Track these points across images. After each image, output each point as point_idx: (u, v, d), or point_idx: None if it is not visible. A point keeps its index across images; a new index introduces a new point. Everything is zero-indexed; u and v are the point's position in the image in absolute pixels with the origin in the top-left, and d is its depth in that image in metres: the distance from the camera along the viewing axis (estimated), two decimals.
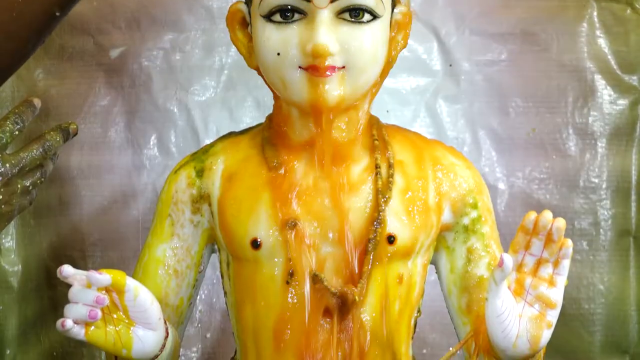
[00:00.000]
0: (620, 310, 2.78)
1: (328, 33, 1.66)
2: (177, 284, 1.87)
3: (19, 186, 1.56)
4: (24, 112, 1.59)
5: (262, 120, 1.92)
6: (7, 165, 1.54)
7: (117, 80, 2.68)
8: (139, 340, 1.62)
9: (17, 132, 1.57)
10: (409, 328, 1.86)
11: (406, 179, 1.83)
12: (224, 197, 1.84)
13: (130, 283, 1.57)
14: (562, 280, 1.59)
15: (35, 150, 1.58)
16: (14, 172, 1.54)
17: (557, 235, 1.56)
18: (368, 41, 1.70)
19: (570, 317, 2.75)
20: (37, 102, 1.63)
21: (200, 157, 1.90)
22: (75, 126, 1.67)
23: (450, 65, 2.69)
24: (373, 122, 1.88)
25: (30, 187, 1.59)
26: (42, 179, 1.61)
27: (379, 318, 1.79)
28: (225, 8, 2.39)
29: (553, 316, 1.60)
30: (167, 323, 1.72)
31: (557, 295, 1.59)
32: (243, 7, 1.80)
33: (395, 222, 1.78)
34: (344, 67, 1.69)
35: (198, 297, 2.07)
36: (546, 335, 1.60)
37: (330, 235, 1.77)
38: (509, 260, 1.52)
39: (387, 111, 2.65)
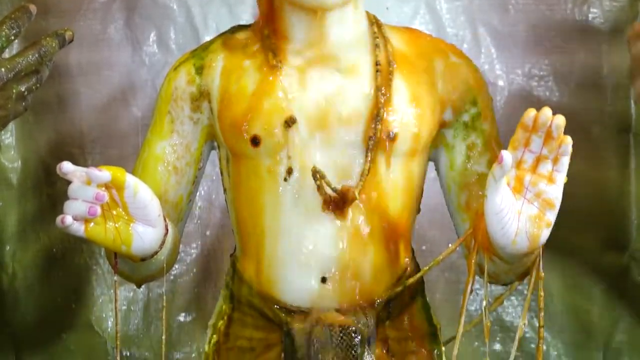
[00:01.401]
0: (620, 207, 2.79)
1: None
2: (177, 181, 1.87)
3: (14, 91, 1.55)
4: (20, 17, 1.58)
5: None
6: (3, 69, 1.53)
7: None
8: (139, 237, 1.62)
9: (12, 37, 1.56)
10: (409, 225, 1.87)
11: (407, 76, 1.82)
12: (223, 95, 1.83)
13: (130, 180, 1.57)
14: (561, 177, 1.58)
15: (31, 56, 1.56)
16: (10, 77, 1.53)
17: (556, 132, 1.55)
18: None
19: (569, 214, 2.76)
20: (33, 8, 1.61)
21: (199, 55, 1.89)
22: (71, 33, 1.65)
23: None
24: (373, 21, 1.87)
25: (26, 93, 1.58)
26: (38, 85, 1.60)
27: (378, 215, 1.80)
28: None
29: (552, 216, 1.60)
30: (167, 220, 1.73)
31: (556, 192, 1.59)
32: None
33: (396, 119, 1.78)
34: None
35: (197, 194, 2.07)
36: (545, 234, 1.61)
37: (330, 132, 1.77)
38: (508, 157, 1.52)
39: (387, 8, 2.63)
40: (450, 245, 1.77)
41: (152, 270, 1.79)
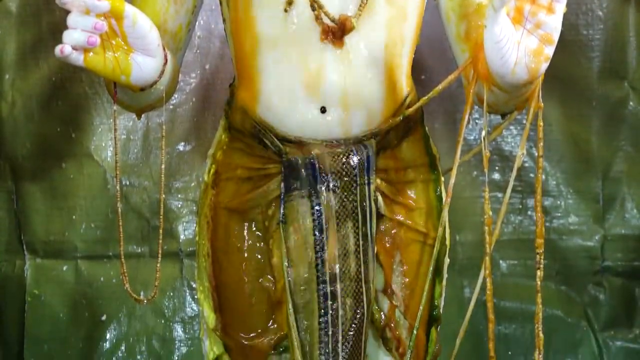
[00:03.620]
0: (619, 37, 2.78)
1: None
2: (176, 10, 1.85)
3: None
4: None
5: None
6: None
7: None
8: (138, 67, 1.62)
9: None
10: (408, 55, 1.87)
11: None
12: None
13: (129, 9, 1.56)
14: (560, 7, 1.57)
15: None
16: None
17: None
18: None
19: (568, 44, 2.75)
20: None
21: None
22: None
23: None
24: None
25: None
26: None
27: (376, 45, 1.80)
28: None
29: (550, 50, 1.60)
30: (166, 50, 1.72)
31: (555, 22, 1.58)
32: None
33: None
34: None
35: (197, 24, 2.05)
36: (544, 67, 1.60)
37: None
38: None
39: None
40: (449, 75, 1.76)
41: (152, 100, 1.79)
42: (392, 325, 1.89)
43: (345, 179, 1.79)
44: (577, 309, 2.84)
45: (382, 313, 1.89)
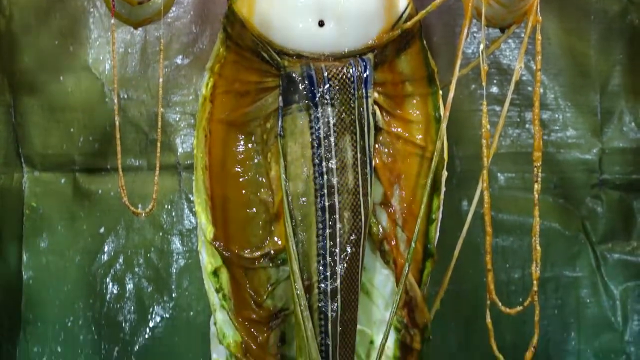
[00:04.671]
0: None
1: None
2: None
3: None
4: None
5: None
6: None
7: None
8: None
9: None
10: None
11: None
12: None
13: None
14: None
15: None
16: None
17: None
18: None
19: None
20: None
21: None
22: None
23: None
24: None
25: None
26: None
27: None
28: None
29: None
30: None
31: None
32: None
33: None
34: None
35: None
36: None
37: None
38: None
39: None
40: None
41: (150, 14, 1.78)
42: (390, 238, 1.90)
43: (344, 92, 1.79)
44: (575, 222, 2.85)
45: (380, 226, 1.90)
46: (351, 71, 1.79)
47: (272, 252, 1.88)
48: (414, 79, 1.91)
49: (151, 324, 2.80)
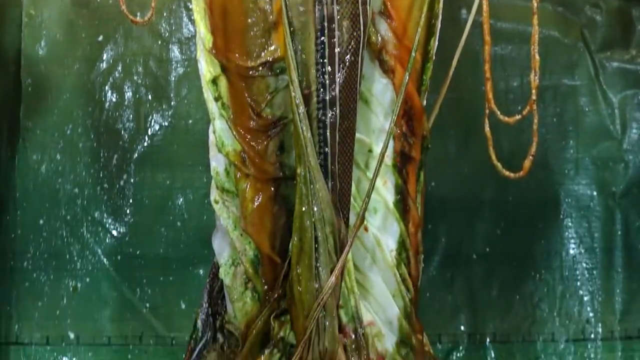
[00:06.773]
0: None
1: None
2: None
3: None
4: None
5: None
6: None
7: None
8: None
9: None
10: None
11: None
12: None
13: None
14: None
15: None
16: None
17: None
18: None
19: None
20: None
21: None
22: None
23: None
24: None
25: None
26: None
27: None
28: None
29: None
30: None
31: None
32: None
33: None
34: None
35: None
36: None
37: None
38: None
39: None
40: None
41: None
42: (389, 47, 1.90)
43: None
44: (574, 30, 2.84)
45: (379, 35, 1.89)
46: None
47: (271, 60, 1.88)
48: None
49: (150, 132, 2.82)
